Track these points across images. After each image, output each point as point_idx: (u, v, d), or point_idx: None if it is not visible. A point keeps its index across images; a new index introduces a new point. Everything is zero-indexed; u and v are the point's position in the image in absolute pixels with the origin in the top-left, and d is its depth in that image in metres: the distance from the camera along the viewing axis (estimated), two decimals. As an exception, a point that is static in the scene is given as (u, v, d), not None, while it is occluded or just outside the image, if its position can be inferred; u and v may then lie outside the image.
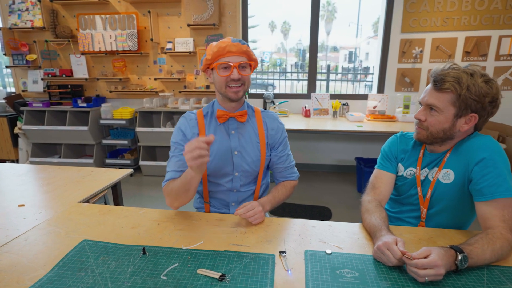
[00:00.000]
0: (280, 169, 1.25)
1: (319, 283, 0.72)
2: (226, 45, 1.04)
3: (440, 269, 0.69)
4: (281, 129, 1.23)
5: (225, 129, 1.17)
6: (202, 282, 0.73)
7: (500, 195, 0.87)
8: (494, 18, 3.15)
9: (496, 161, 0.90)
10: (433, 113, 0.95)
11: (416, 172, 1.05)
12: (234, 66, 1.06)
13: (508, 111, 3.35)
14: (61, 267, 0.77)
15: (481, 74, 0.90)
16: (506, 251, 0.80)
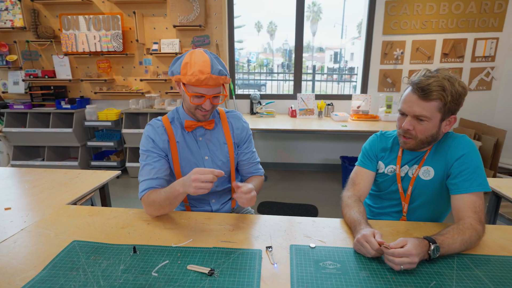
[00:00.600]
0: (247, 166, 1.27)
1: (303, 275, 0.77)
2: (205, 78, 1.00)
3: (414, 257, 0.75)
4: (246, 128, 1.26)
5: (193, 136, 1.18)
6: (192, 277, 0.76)
7: (474, 189, 0.94)
8: (469, 21, 3.30)
9: (472, 158, 0.98)
10: (422, 122, 0.97)
11: (396, 169, 1.10)
12: (208, 98, 1.06)
13: (483, 110, 3.52)
14: (52, 267, 0.79)
15: (455, 78, 0.95)
16: (474, 241, 0.86)
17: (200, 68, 1.00)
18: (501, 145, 2.94)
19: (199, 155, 1.19)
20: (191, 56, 1.03)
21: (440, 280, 0.75)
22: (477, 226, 0.88)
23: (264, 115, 3.42)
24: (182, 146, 1.17)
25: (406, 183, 1.09)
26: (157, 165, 1.11)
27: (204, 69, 1.00)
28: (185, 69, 1.02)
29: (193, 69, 1.00)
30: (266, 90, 6.66)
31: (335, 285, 0.73)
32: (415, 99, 0.96)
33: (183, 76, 1.02)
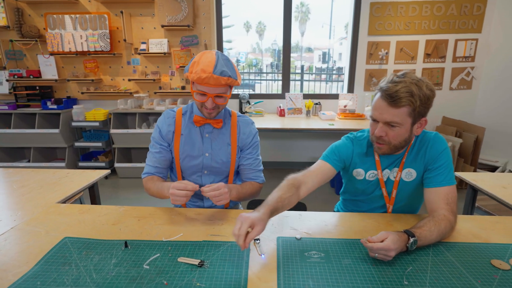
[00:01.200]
0: (247, 170, 1.28)
1: (289, 264, 0.81)
2: (206, 77, 1.05)
3: (391, 252, 0.79)
4: (252, 134, 1.28)
5: (200, 131, 1.24)
6: (183, 269, 0.79)
7: (447, 182, 1.01)
8: (450, 23, 3.42)
9: (447, 154, 1.04)
10: (394, 128, 0.97)
11: (378, 174, 1.11)
12: (210, 96, 1.10)
13: (464, 108, 3.65)
14: (45, 263, 0.80)
15: (422, 81, 0.94)
16: (448, 230, 0.92)
17: (203, 67, 1.05)
18: (481, 142, 3.07)
19: (200, 151, 1.23)
20: (201, 56, 1.10)
21: (416, 266, 0.80)
22: (450, 217, 0.94)
23: (253, 114, 3.46)
24: (186, 139, 1.23)
25: (389, 186, 1.12)
26: (157, 156, 1.23)
27: (206, 69, 1.05)
28: (192, 67, 1.09)
29: (198, 67, 1.07)
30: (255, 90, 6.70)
31: (319, 273, 0.78)
32: (385, 106, 0.95)
33: (190, 74, 1.09)
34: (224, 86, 1.11)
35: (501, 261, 0.82)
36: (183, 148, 1.23)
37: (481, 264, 0.81)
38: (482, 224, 1.03)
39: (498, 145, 3.49)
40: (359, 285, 0.74)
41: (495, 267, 0.80)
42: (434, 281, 0.75)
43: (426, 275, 0.77)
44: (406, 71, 0.97)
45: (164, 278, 0.75)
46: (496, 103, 3.49)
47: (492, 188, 1.36)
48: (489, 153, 3.55)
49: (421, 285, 0.73)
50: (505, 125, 3.42)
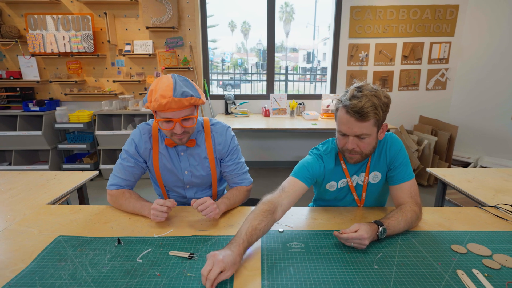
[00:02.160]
0: (231, 176, 1.28)
1: (272, 254, 0.89)
2: (167, 102, 0.99)
3: (365, 240, 0.88)
4: (228, 141, 1.25)
5: (175, 150, 1.22)
6: (174, 261, 0.85)
7: (407, 178, 1.11)
8: (425, 26, 3.60)
9: (403, 151, 1.14)
10: (363, 140, 1.02)
11: (348, 182, 1.17)
12: (176, 121, 1.05)
13: (439, 108, 3.84)
14: (41, 260, 0.85)
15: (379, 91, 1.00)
16: (414, 220, 1.02)
17: (162, 93, 1.00)
18: (454, 139, 3.25)
19: (179, 169, 1.24)
20: (157, 83, 1.05)
21: (386, 252, 0.90)
22: (415, 208, 1.04)
23: (239, 115, 3.52)
24: (165, 158, 1.22)
25: (359, 190, 1.20)
26: (130, 170, 1.20)
27: (165, 93, 1.00)
28: (150, 96, 1.04)
29: (156, 95, 1.01)
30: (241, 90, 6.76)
31: (299, 261, 0.86)
32: (353, 121, 0.99)
33: (149, 103, 1.04)
34: (189, 107, 1.06)
35: (459, 246, 0.93)
36: (162, 166, 1.22)
37: (442, 249, 0.91)
38: (447, 215, 1.14)
39: (471, 143, 3.70)
40: (335, 270, 0.82)
41: (454, 251, 0.91)
42: (400, 264, 0.84)
43: (394, 259, 0.86)
44: (361, 84, 1.02)
45: (156, 270, 0.81)
46: (468, 103, 3.70)
47: (459, 182, 1.48)
48: (462, 150, 3.76)
49: (389, 268, 0.82)
50: (477, 124, 3.63)
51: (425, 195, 3.12)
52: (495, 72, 3.42)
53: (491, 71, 3.46)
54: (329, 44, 3.78)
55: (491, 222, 1.09)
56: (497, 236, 0.99)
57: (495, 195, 1.31)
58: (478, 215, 1.14)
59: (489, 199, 1.27)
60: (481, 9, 3.46)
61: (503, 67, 3.35)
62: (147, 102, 1.06)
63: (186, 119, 1.07)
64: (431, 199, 3.00)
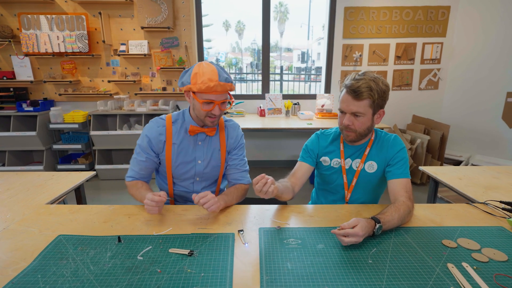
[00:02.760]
0: (233, 171, 1.33)
1: (270, 250, 0.91)
2: (214, 85, 1.11)
3: (360, 238, 0.91)
4: (239, 137, 1.36)
5: (193, 139, 1.28)
6: (174, 258, 0.87)
7: (405, 175, 1.18)
8: (418, 27, 3.66)
9: (404, 152, 1.22)
10: (358, 118, 1.15)
11: (341, 162, 1.27)
12: (217, 103, 1.17)
13: (432, 107, 3.91)
14: (42, 258, 0.86)
15: (379, 78, 1.13)
16: (407, 214, 1.06)
17: (209, 76, 1.11)
18: (446, 138, 3.31)
19: (193, 158, 1.29)
20: (199, 67, 1.14)
21: (380, 247, 0.93)
22: (408, 202, 1.09)
23: (234, 114, 3.54)
24: (178, 148, 1.27)
25: (350, 175, 1.27)
26: (143, 164, 1.27)
27: (212, 77, 1.11)
28: (195, 78, 1.13)
29: (203, 77, 1.11)
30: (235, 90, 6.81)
31: (296, 256, 0.88)
32: (350, 100, 1.13)
33: (194, 85, 1.13)
34: (228, 92, 1.19)
35: (450, 241, 0.96)
36: (176, 157, 1.27)
37: (433, 244, 0.95)
38: (438, 211, 1.18)
39: (462, 141, 3.77)
40: (330, 265, 0.85)
41: (445, 245, 0.94)
42: (394, 259, 0.87)
43: (387, 254, 0.89)
44: (365, 71, 1.15)
45: (157, 267, 0.83)
46: (460, 102, 3.77)
47: (450, 180, 1.52)
48: (454, 149, 3.83)
49: (382, 263, 0.85)
50: (468, 123, 3.70)
51: (418, 193, 3.18)
52: (486, 72, 3.50)
53: (482, 71, 3.54)
54: (324, 44, 3.82)
55: (480, 218, 1.13)
56: (485, 231, 1.03)
57: (484, 192, 1.36)
58: (468, 211, 1.18)
59: (479, 196, 1.31)
60: (472, 10, 3.54)
61: (493, 68, 3.42)
62: (189, 84, 1.14)
63: (223, 102, 1.20)
64: (423, 197, 3.06)
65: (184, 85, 1.17)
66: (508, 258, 0.88)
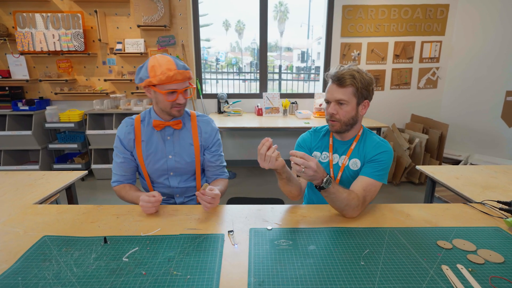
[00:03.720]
0: (213, 168, 1.37)
1: (260, 252, 0.88)
2: (174, 74, 1.12)
3: (310, 170, 0.94)
4: (214, 132, 1.36)
5: (161, 135, 1.29)
6: (161, 260, 0.84)
7: (372, 176, 1.14)
8: (416, 26, 3.63)
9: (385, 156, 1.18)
10: (342, 106, 1.16)
11: (329, 156, 1.27)
12: (179, 92, 1.18)
13: (430, 106, 3.88)
14: (25, 260, 0.83)
15: (362, 70, 1.15)
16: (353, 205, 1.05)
17: (167, 66, 1.12)
18: (445, 137, 3.29)
19: (163, 154, 1.29)
20: (154, 59, 1.15)
21: (372, 248, 0.90)
22: (360, 198, 1.07)
23: (232, 114, 3.52)
24: (148, 145, 1.28)
25: (336, 170, 1.26)
26: (123, 166, 1.30)
27: (170, 67, 1.13)
28: (153, 71, 1.13)
29: (161, 68, 1.12)
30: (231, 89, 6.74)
31: (286, 258, 0.86)
32: (334, 88, 1.15)
33: (153, 78, 1.13)
34: (188, 79, 1.20)
35: (445, 242, 0.94)
36: (146, 153, 1.28)
37: (428, 245, 0.92)
38: (434, 211, 1.15)
39: (461, 141, 3.75)
40: (321, 267, 0.82)
41: (440, 246, 0.92)
42: (387, 261, 0.85)
43: (380, 255, 0.87)
44: (350, 64, 1.18)
45: (142, 269, 0.80)
46: (459, 101, 3.74)
47: (447, 179, 1.49)
48: (453, 148, 3.80)
49: (375, 265, 0.83)
50: (467, 122, 3.67)
51: (416, 193, 3.16)
52: (485, 71, 3.47)
53: (481, 70, 3.51)
54: (323, 46, 3.79)
55: (477, 218, 1.10)
56: (482, 231, 1.00)
57: (482, 192, 1.33)
58: (464, 211, 1.15)
59: (476, 196, 1.29)
60: (471, 9, 3.51)
61: (493, 66, 3.40)
62: (149, 78, 1.14)
63: (185, 90, 1.21)
64: (421, 197, 3.03)
65: (143, 80, 1.17)
66: (504, 260, 0.85)
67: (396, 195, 3.11)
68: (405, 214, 1.13)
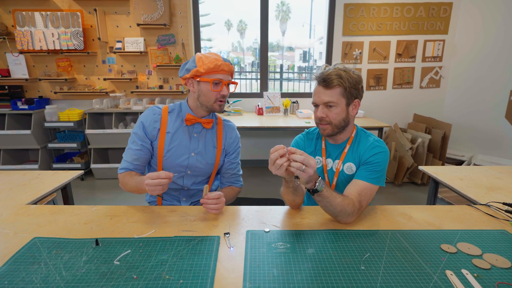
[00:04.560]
0: (229, 175, 1.35)
1: (256, 255, 0.85)
2: (221, 64, 1.14)
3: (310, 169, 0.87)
4: (237, 139, 1.36)
5: (188, 131, 1.26)
6: (153, 263, 0.81)
7: (367, 179, 1.08)
8: (419, 24, 3.59)
9: (381, 157, 1.11)
10: (331, 109, 1.09)
11: (323, 161, 1.21)
12: (224, 83, 1.18)
13: (433, 106, 3.84)
14: (13, 263, 0.80)
15: (349, 69, 1.10)
16: (348, 211, 0.98)
17: (215, 57, 1.15)
18: (448, 137, 3.24)
19: (187, 150, 1.25)
20: (201, 54, 1.17)
21: (373, 252, 0.87)
22: (356, 203, 1.00)
23: (232, 113, 3.49)
24: (172, 138, 1.24)
25: (331, 175, 1.20)
26: (138, 154, 1.23)
27: (218, 58, 1.16)
28: (200, 61, 1.15)
29: (209, 58, 1.14)
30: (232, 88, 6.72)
31: (284, 262, 0.83)
32: (321, 90, 1.10)
33: (201, 67, 1.14)
34: (232, 74, 1.22)
35: (449, 245, 0.90)
36: (168, 146, 1.24)
37: (431, 249, 0.89)
38: (437, 213, 1.12)
39: (465, 141, 3.70)
40: (320, 271, 0.79)
41: (443, 250, 0.88)
42: (388, 265, 0.81)
43: (381, 260, 0.83)
44: (337, 63, 1.12)
45: (134, 273, 0.77)
46: (462, 101, 3.70)
47: (450, 180, 1.46)
48: (456, 148, 3.75)
49: (376, 269, 0.80)
50: (471, 122, 3.62)
51: (419, 194, 3.11)
52: (489, 70, 3.42)
53: (484, 69, 3.46)
54: (324, 45, 3.75)
55: (482, 221, 1.06)
56: (487, 235, 0.97)
57: (486, 193, 1.29)
58: (469, 214, 1.12)
59: (480, 197, 1.25)
60: (475, 7, 3.46)
61: (496, 65, 3.35)
62: (195, 68, 1.15)
63: (229, 84, 1.22)
64: (423, 198, 2.99)
65: (189, 70, 1.17)
66: (511, 265, 0.82)
67: (398, 196, 3.07)
68: (407, 216, 1.09)
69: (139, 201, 2.81)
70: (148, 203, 1.37)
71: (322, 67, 1.12)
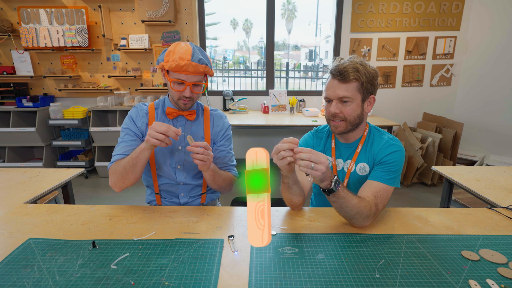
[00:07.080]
0: (220, 164, 1.27)
1: (262, 260, 0.80)
2: (185, 64, 1.06)
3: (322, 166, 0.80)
4: (226, 126, 1.29)
5: (173, 124, 1.22)
6: (152, 268, 0.76)
7: (383, 180, 1.01)
8: (430, 20, 3.48)
9: (396, 156, 1.04)
10: (346, 104, 1.02)
11: (332, 161, 1.14)
12: (188, 85, 1.12)
13: (444, 105, 3.74)
14: (4, 266, 0.76)
15: (366, 63, 1.03)
16: (365, 213, 0.91)
17: (180, 55, 1.07)
18: (459, 137, 3.15)
19: (173, 144, 1.22)
20: (175, 45, 1.10)
21: (389, 259, 0.81)
22: (372, 206, 0.94)
23: (237, 111, 3.43)
24: None
25: (341, 177, 1.13)
26: (132, 144, 1.16)
27: (184, 56, 1.07)
28: (168, 56, 1.09)
29: (175, 56, 1.07)
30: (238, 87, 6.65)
31: (292, 269, 0.77)
32: (336, 84, 1.02)
33: (166, 63, 1.09)
34: (201, 74, 1.13)
35: (471, 252, 0.83)
36: None
37: (451, 256, 0.82)
38: (455, 217, 1.05)
39: (477, 140, 3.59)
40: (331, 279, 0.73)
41: (465, 258, 0.81)
42: (405, 273, 0.75)
43: (398, 267, 0.77)
44: (351, 56, 1.05)
45: (131, 278, 0.72)
46: (474, 100, 3.59)
47: (467, 181, 1.38)
48: (468, 148, 3.65)
49: (392, 278, 0.73)
50: (482, 121, 3.52)
51: (429, 195, 3.03)
52: (502, 68, 3.30)
53: (497, 66, 3.35)
54: (331, 41, 3.67)
55: (504, 225, 0.99)
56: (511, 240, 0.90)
57: (507, 195, 1.22)
58: (489, 217, 1.05)
59: (500, 200, 1.18)
60: (488, 2, 3.35)
61: (510, 63, 3.23)
62: (163, 62, 1.10)
63: (196, 85, 1.14)
64: (436, 199, 2.90)
65: (159, 62, 1.13)
66: (541, 275, 0.75)
67: (408, 196, 2.99)
68: (423, 219, 1.03)
69: (141, 201, 2.77)
70: (147, 204, 1.32)
71: (338, 60, 1.05)
